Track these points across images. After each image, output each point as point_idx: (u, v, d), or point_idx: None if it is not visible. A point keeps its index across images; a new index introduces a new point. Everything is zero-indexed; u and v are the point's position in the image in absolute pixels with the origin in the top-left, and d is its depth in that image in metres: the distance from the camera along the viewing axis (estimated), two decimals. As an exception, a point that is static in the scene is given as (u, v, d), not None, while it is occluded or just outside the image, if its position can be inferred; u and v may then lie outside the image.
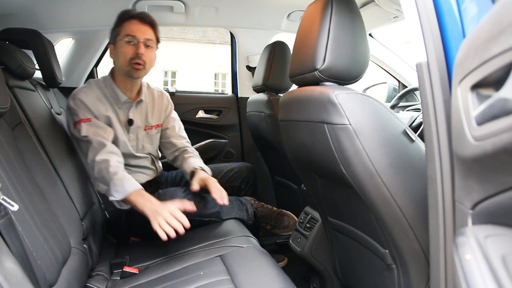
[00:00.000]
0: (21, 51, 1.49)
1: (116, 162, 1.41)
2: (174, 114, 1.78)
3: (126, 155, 1.57)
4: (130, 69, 1.50)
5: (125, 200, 1.35)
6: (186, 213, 1.49)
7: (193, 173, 1.59)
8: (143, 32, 1.49)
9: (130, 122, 1.60)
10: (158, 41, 1.58)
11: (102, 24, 2.17)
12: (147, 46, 1.51)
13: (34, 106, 1.44)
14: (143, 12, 1.55)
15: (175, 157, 1.75)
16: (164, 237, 1.20)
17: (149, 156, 1.71)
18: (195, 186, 1.48)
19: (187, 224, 1.24)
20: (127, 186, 1.34)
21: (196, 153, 1.76)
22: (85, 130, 1.45)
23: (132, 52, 1.48)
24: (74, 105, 1.48)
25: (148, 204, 1.30)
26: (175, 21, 2.26)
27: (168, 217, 1.23)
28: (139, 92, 1.63)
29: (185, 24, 2.30)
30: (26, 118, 1.32)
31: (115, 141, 1.54)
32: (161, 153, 1.81)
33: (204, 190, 1.52)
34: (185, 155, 1.70)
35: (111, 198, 1.38)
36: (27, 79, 1.53)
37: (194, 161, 1.66)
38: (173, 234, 1.21)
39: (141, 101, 1.62)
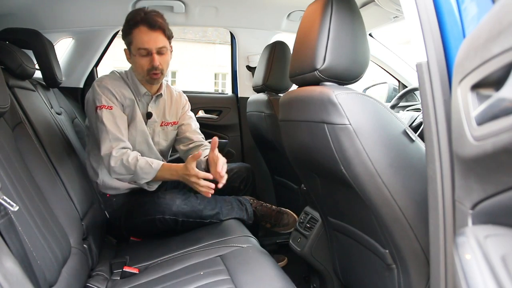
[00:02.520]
0: (21, 51, 1.49)
1: (134, 153, 1.48)
2: (191, 114, 1.79)
3: (141, 147, 1.59)
4: (149, 78, 1.52)
5: (155, 179, 1.47)
6: (186, 215, 1.51)
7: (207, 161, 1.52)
8: (154, 41, 1.46)
9: (148, 115, 1.60)
10: (170, 39, 1.54)
11: (102, 24, 2.17)
12: (161, 53, 1.49)
13: (34, 106, 1.44)
14: (151, 15, 1.46)
15: (189, 149, 1.70)
16: (208, 193, 1.39)
17: (159, 156, 1.69)
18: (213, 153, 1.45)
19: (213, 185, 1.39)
20: (154, 165, 1.45)
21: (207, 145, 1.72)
22: (106, 117, 1.46)
23: (148, 64, 1.48)
24: (100, 89, 1.49)
25: (175, 174, 1.44)
26: (175, 21, 2.26)
27: (198, 181, 1.38)
28: (159, 88, 1.64)
29: (185, 24, 2.30)
30: (26, 118, 1.32)
31: (134, 130, 1.56)
32: (175, 149, 1.80)
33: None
34: (201, 148, 1.64)
35: (142, 182, 1.48)
36: (27, 79, 1.53)
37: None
38: (212, 190, 1.38)
39: (160, 95, 1.63)
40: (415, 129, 1.74)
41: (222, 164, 1.41)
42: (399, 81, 2.49)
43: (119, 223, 1.58)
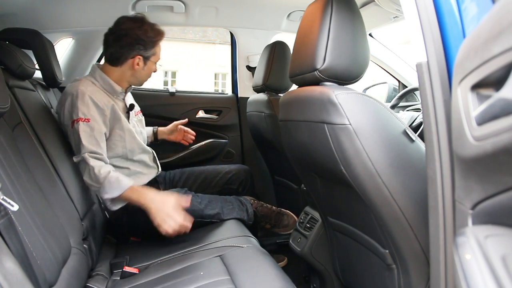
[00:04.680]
0: (21, 51, 1.49)
1: (108, 167, 1.44)
2: None
3: (131, 145, 1.61)
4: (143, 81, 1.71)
5: (119, 198, 1.41)
6: (188, 214, 1.50)
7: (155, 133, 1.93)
8: None
9: (131, 106, 1.68)
10: None
11: (102, 24, 2.15)
12: None
13: (34, 106, 1.44)
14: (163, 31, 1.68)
15: None
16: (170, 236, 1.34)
17: (151, 153, 1.74)
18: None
19: (189, 223, 1.36)
20: (123, 183, 1.40)
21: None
22: (82, 131, 1.44)
23: (153, 71, 1.69)
24: (78, 101, 1.46)
25: (142, 198, 1.39)
26: (175, 21, 2.26)
27: (173, 217, 1.33)
28: None
29: (185, 24, 2.30)
30: (26, 118, 1.32)
31: (122, 131, 1.58)
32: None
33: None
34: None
35: (105, 196, 1.42)
36: (27, 79, 1.53)
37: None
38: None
39: (130, 87, 1.69)
40: (415, 129, 1.74)
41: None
42: (399, 81, 2.49)
43: (120, 223, 1.58)
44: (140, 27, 1.57)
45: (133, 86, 1.73)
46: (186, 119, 1.95)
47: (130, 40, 1.56)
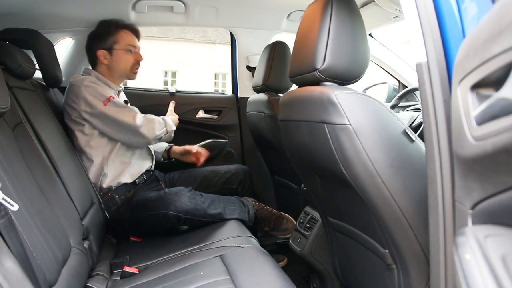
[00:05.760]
0: (21, 51, 1.49)
1: (141, 115, 1.63)
2: None
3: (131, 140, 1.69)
4: (131, 74, 1.78)
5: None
6: (190, 213, 1.51)
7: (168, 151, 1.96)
8: (137, 43, 1.80)
9: (126, 103, 1.79)
10: None
11: (102, 24, 2.16)
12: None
13: (34, 106, 1.44)
14: (133, 24, 1.83)
15: None
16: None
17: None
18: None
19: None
20: (162, 119, 1.69)
21: None
22: (112, 112, 1.60)
23: (132, 59, 1.76)
24: (86, 89, 1.60)
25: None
26: (175, 21, 2.26)
27: None
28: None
29: (185, 24, 2.30)
30: (26, 118, 1.32)
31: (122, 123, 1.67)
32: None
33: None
34: None
35: (170, 129, 1.70)
36: (27, 79, 1.53)
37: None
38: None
39: (122, 88, 1.86)
40: (415, 129, 1.74)
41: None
42: (399, 81, 2.49)
43: (121, 222, 1.58)
44: (95, 28, 1.79)
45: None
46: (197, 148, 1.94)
47: (88, 42, 1.79)
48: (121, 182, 1.64)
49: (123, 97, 1.88)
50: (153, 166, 1.82)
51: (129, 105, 1.73)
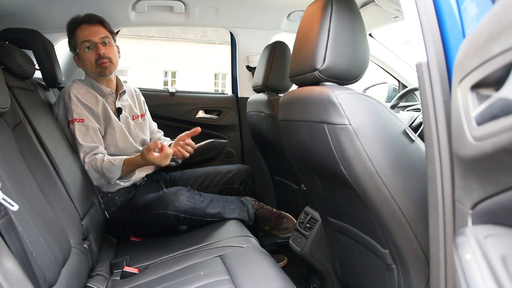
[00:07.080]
0: (21, 51, 1.49)
1: (100, 156, 1.53)
2: (146, 106, 1.91)
3: (123, 144, 1.65)
4: (100, 70, 1.61)
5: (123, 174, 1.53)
6: (189, 213, 1.51)
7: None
8: (95, 33, 1.61)
9: (118, 110, 1.68)
10: (112, 33, 1.68)
11: (102, 24, 2.16)
12: (104, 44, 1.62)
13: (34, 106, 1.44)
14: (88, 14, 1.65)
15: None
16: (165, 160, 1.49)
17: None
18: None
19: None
20: (117, 163, 1.50)
21: (168, 139, 1.91)
22: (78, 131, 1.54)
23: (94, 55, 1.60)
24: (70, 102, 1.55)
25: (139, 161, 1.51)
26: (175, 21, 2.26)
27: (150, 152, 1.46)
28: (119, 85, 1.73)
29: (185, 24, 2.30)
30: (26, 118, 1.32)
31: (112, 130, 1.62)
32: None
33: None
34: (156, 135, 1.91)
35: (112, 181, 1.54)
36: (27, 79, 1.53)
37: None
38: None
39: (124, 92, 1.73)
40: (415, 129, 1.74)
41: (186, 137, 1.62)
42: (399, 81, 2.49)
43: (121, 222, 1.58)
44: (67, 25, 1.66)
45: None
46: (198, 128, 1.63)
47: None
48: (120, 185, 1.62)
49: (124, 99, 1.74)
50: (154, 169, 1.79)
51: (98, 134, 1.58)
